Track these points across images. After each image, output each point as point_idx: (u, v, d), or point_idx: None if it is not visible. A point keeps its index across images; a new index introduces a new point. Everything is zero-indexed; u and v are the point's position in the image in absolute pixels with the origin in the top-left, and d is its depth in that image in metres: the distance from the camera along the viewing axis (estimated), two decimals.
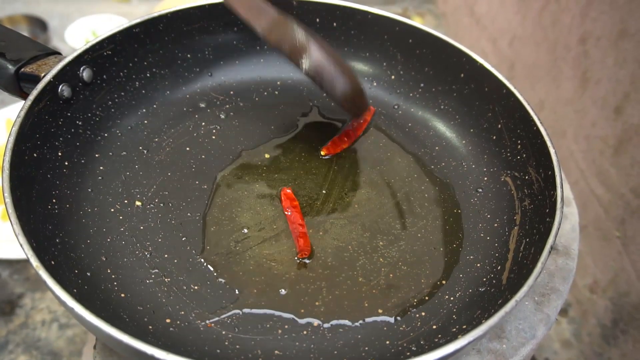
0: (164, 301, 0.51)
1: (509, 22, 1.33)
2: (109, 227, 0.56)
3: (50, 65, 0.58)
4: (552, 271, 0.58)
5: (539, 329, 0.53)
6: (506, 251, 0.56)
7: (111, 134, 0.63)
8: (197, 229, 0.57)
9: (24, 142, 0.52)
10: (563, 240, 0.62)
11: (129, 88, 0.66)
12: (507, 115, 0.63)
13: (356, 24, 0.72)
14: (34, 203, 0.51)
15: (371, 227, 0.59)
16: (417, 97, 0.72)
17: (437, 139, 0.69)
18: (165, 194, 0.59)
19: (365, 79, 0.74)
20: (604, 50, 0.96)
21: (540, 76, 1.18)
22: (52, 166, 0.56)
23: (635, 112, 0.89)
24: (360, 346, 0.49)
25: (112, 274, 0.52)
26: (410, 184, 0.63)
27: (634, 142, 0.89)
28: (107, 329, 0.40)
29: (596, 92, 0.98)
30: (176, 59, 0.70)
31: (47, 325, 1.03)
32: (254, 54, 0.73)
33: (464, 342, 0.42)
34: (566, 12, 1.08)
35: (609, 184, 0.95)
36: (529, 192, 0.58)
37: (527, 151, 0.60)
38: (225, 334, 0.49)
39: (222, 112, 0.69)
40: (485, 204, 0.62)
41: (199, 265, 0.54)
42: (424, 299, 0.53)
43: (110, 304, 0.49)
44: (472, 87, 0.67)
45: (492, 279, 0.54)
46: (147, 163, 0.62)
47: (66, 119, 0.59)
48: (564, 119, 1.08)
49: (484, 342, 0.52)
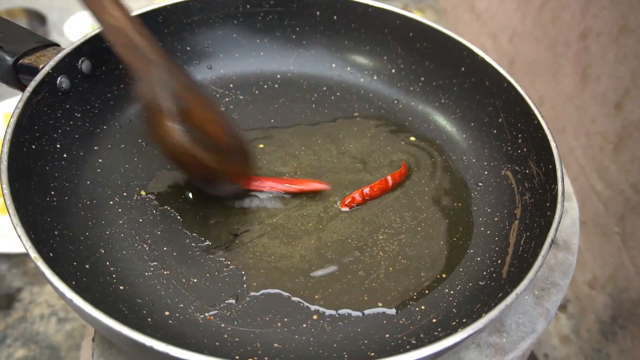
0: (163, 294, 0.51)
1: (509, 18, 1.33)
2: (107, 220, 0.55)
3: (48, 57, 0.57)
4: (552, 265, 0.58)
5: (539, 323, 0.53)
6: (506, 245, 0.55)
7: (110, 127, 0.63)
8: (196, 221, 0.57)
9: (22, 134, 0.52)
10: (563, 234, 0.61)
11: (128, 80, 0.65)
12: (508, 109, 0.63)
13: (357, 17, 0.72)
14: (33, 195, 0.51)
15: (371, 221, 0.59)
16: (417, 90, 0.71)
17: (438, 133, 0.68)
18: (165, 186, 0.59)
19: (365, 72, 0.74)
20: (604, 46, 0.96)
21: (541, 72, 1.18)
22: (50, 158, 0.56)
23: (635, 108, 0.88)
24: (359, 339, 0.49)
25: (111, 266, 0.52)
26: (410, 177, 0.63)
27: (634, 138, 0.89)
28: (106, 321, 0.40)
29: (596, 88, 0.98)
30: (175, 52, 0.69)
31: (45, 319, 1.03)
32: (254, 47, 0.73)
33: (463, 336, 0.42)
34: (566, 8, 1.07)
35: (609, 180, 0.95)
36: (530, 186, 0.58)
37: (528, 145, 0.60)
38: (224, 327, 0.49)
39: (221, 105, 0.69)
40: (485, 197, 0.61)
41: (198, 258, 0.54)
42: (424, 292, 0.53)
43: (109, 296, 0.49)
44: (473, 81, 0.67)
45: (492, 272, 0.54)
46: (147, 156, 0.62)
47: (65, 111, 0.58)
48: (564, 115, 1.08)
49: (483, 335, 0.52)
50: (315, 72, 0.74)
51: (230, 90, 0.71)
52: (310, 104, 0.71)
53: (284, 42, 0.74)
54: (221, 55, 0.72)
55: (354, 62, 0.74)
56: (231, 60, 0.73)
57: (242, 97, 0.70)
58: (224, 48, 0.72)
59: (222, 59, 0.72)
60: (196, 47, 0.71)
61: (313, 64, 0.74)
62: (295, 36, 0.73)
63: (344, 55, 0.74)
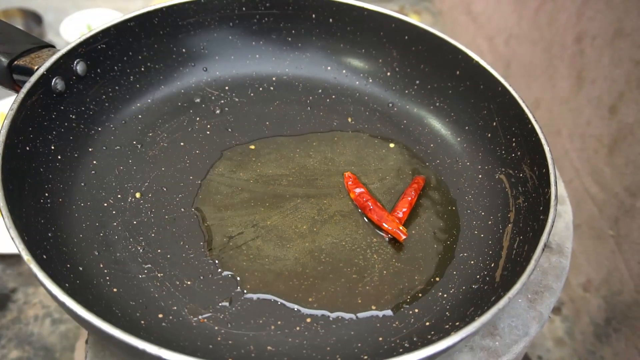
0: (157, 296, 0.51)
1: (505, 20, 1.33)
2: (101, 222, 0.55)
3: (43, 59, 0.57)
4: (546, 269, 0.58)
5: (532, 327, 0.53)
6: (500, 248, 0.56)
7: (105, 128, 0.63)
8: (191, 224, 0.57)
9: (16, 135, 0.52)
10: (557, 238, 0.62)
11: (123, 82, 0.65)
12: (502, 113, 0.63)
13: (352, 20, 0.72)
14: (26, 197, 0.51)
15: (365, 224, 0.59)
16: (412, 94, 0.71)
17: (432, 136, 0.69)
18: (159, 188, 0.59)
19: (360, 75, 0.74)
20: (599, 49, 0.96)
21: (536, 75, 1.18)
22: (44, 160, 0.56)
23: (629, 112, 0.89)
24: (353, 342, 0.49)
25: (104, 268, 0.52)
26: (404, 180, 0.63)
27: (628, 142, 0.89)
28: (99, 324, 0.40)
29: (591, 91, 0.98)
30: (171, 54, 0.69)
31: (40, 320, 1.03)
32: (250, 50, 0.73)
33: (456, 339, 0.42)
34: (562, 11, 1.08)
35: (603, 183, 0.95)
36: (523, 190, 0.58)
37: (522, 149, 0.60)
38: (217, 330, 0.49)
39: (217, 107, 0.69)
40: (479, 201, 0.62)
41: (192, 261, 0.54)
42: (417, 295, 0.53)
43: (103, 298, 0.49)
44: (468, 84, 0.67)
45: (485, 276, 0.54)
46: (141, 158, 0.62)
47: (59, 112, 0.58)
48: (559, 118, 1.08)
49: (476, 339, 0.52)
50: (311, 75, 0.74)
51: (226, 92, 0.71)
52: (306, 107, 0.71)
53: (279, 44, 0.74)
54: (217, 57, 0.72)
55: (349, 65, 0.74)
56: (227, 63, 0.73)
57: (237, 99, 0.70)
58: (219, 50, 0.72)
59: (218, 61, 0.72)
60: (192, 49, 0.71)
61: (308, 66, 0.74)
62: (291, 39, 0.74)
63: (339, 58, 0.74)
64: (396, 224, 0.57)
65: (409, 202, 0.60)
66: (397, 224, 0.57)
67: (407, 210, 0.59)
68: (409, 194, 0.60)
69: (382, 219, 0.57)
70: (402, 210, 0.59)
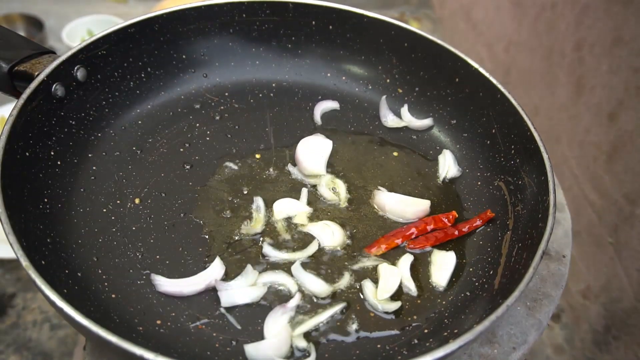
0: (155, 302, 0.51)
1: (505, 28, 1.34)
2: (100, 228, 0.55)
3: (44, 64, 0.57)
4: (544, 276, 0.58)
5: (531, 334, 0.53)
6: (499, 256, 0.56)
7: (105, 134, 0.63)
8: (190, 230, 0.57)
9: (16, 141, 0.52)
10: (555, 245, 0.62)
11: (123, 88, 0.66)
12: (501, 120, 0.63)
13: (352, 28, 0.72)
14: (26, 202, 0.51)
15: (364, 231, 0.59)
16: (411, 100, 0.72)
17: (432, 143, 0.69)
18: (159, 194, 0.59)
19: (360, 82, 0.74)
20: (598, 57, 0.97)
21: (535, 82, 1.19)
22: (44, 165, 0.56)
23: (628, 119, 0.89)
24: (352, 349, 0.49)
25: (103, 274, 0.52)
26: (403, 187, 0.63)
27: (627, 149, 0.89)
28: (96, 330, 0.40)
29: (590, 98, 0.99)
30: (171, 60, 0.70)
31: (38, 325, 1.02)
32: (250, 56, 0.73)
33: (454, 347, 0.42)
34: (561, 19, 1.08)
35: (603, 190, 0.95)
36: (522, 197, 0.58)
37: (521, 156, 0.60)
38: (215, 336, 0.49)
39: (216, 113, 0.69)
40: (478, 208, 0.62)
41: (191, 267, 0.54)
42: (416, 302, 0.53)
43: (101, 304, 0.49)
44: (467, 91, 0.67)
45: (484, 283, 0.54)
46: (141, 163, 0.62)
47: (59, 118, 0.58)
48: (559, 125, 1.09)
49: (475, 346, 0.52)
50: (311, 81, 0.74)
51: (226, 98, 0.71)
52: (305, 113, 0.71)
53: (279, 51, 0.74)
54: (217, 63, 0.72)
55: (349, 71, 0.74)
56: (227, 69, 0.73)
57: (237, 105, 0.71)
58: (219, 56, 0.72)
59: (218, 67, 0.72)
60: (192, 55, 0.71)
61: (308, 73, 0.74)
62: (291, 45, 0.74)
63: (339, 64, 0.74)
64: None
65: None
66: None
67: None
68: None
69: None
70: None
